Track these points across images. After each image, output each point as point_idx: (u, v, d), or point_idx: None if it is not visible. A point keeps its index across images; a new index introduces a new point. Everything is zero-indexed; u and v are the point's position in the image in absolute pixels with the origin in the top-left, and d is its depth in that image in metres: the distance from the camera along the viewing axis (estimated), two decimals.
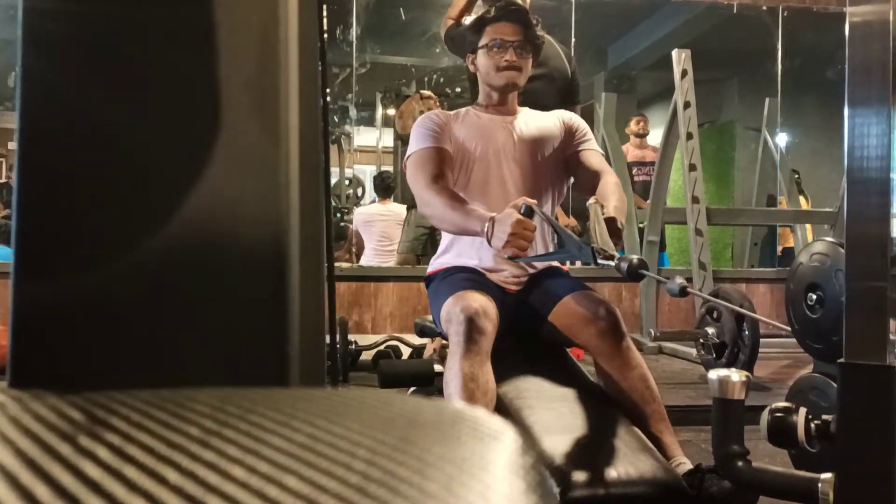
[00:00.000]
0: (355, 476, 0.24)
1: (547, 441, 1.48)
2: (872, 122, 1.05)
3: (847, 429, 1.11)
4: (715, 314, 3.61)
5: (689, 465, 1.54)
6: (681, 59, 4.46)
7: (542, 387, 1.70)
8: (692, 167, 4.43)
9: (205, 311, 0.51)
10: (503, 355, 1.67)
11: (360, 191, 7.18)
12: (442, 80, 6.77)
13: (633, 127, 6.17)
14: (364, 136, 7.77)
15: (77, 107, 0.51)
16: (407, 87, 6.42)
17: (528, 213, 1.57)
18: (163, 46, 0.52)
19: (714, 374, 1.44)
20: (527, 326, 1.81)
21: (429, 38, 6.53)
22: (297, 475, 0.24)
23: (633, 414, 1.64)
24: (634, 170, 5.92)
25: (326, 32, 0.65)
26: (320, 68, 0.62)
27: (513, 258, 1.61)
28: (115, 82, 0.51)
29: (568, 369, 1.84)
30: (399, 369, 1.90)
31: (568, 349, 1.91)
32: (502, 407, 1.60)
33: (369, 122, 7.79)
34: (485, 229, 1.59)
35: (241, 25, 0.53)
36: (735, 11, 6.41)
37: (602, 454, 1.45)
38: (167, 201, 0.50)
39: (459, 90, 6.27)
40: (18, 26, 0.49)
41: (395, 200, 5.56)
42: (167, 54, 0.52)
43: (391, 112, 5.78)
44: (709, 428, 1.46)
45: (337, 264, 4.71)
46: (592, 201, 1.56)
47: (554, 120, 1.99)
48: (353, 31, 6.18)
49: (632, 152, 6.08)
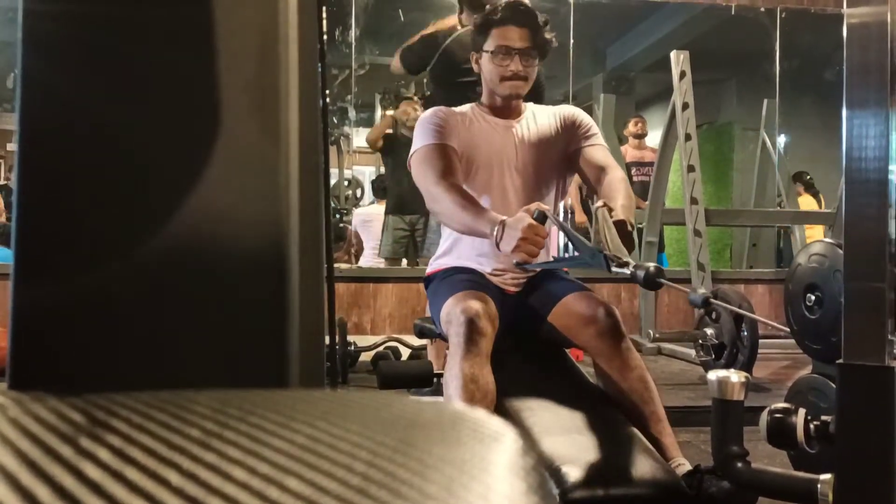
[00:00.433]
0: (356, 478, 0.24)
1: (546, 442, 1.48)
2: (871, 123, 1.05)
3: (846, 429, 1.10)
4: (714, 315, 3.61)
5: (688, 466, 1.54)
6: (679, 60, 4.46)
7: (541, 388, 1.70)
8: (691, 168, 4.43)
9: (204, 312, 0.51)
10: (503, 356, 1.67)
11: (359, 192, 7.17)
12: None
13: (631, 128, 6.19)
14: (363, 138, 7.76)
15: (77, 108, 0.51)
16: (406, 89, 6.41)
17: (541, 218, 1.51)
18: (162, 47, 0.52)
19: (713, 374, 1.44)
20: (526, 327, 1.81)
21: None
22: (298, 477, 0.24)
23: (633, 415, 1.64)
24: (633, 171, 5.92)
25: (326, 34, 0.66)
26: (320, 69, 0.62)
27: (521, 264, 1.55)
28: (115, 83, 0.51)
29: (567, 370, 1.84)
30: (398, 370, 1.90)
31: (567, 350, 1.91)
32: (502, 408, 1.60)
33: (368, 123, 7.77)
34: (494, 232, 1.55)
35: (240, 26, 0.53)
36: (733, 13, 6.42)
37: (601, 455, 1.45)
38: (167, 202, 0.50)
39: None
40: (18, 28, 0.49)
41: None
42: (167, 55, 0.52)
43: (390, 113, 5.78)
44: (708, 429, 1.46)
45: (336, 265, 4.71)
46: (600, 204, 1.51)
47: (556, 120, 1.93)
48: (353, 32, 6.18)
49: (630, 153, 6.09)
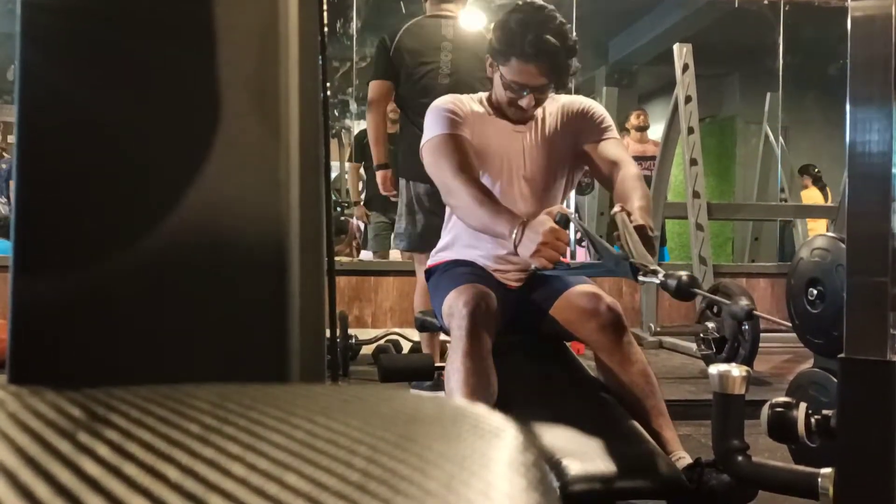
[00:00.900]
0: (356, 473, 0.24)
1: (547, 436, 1.48)
2: (874, 118, 1.05)
3: (847, 424, 1.10)
4: (715, 309, 3.61)
5: (688, 460, 1.54)
6: (682, 53, 4.45)
7: (542, 381, 1.70)
8: (693, 162, 4.42)
9: (205, 307, 0.51)
10: (504, 350, 1.67)
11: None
12: None
13: (633, 121, 6.17)
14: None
15: (77, 102, 0.51)
16: None
17: (564, 222, 1.45)
18: (163, 41, 0.52)
19: (714, 368, 1.44)
20: (528, 321, 1.81)
21: None
22: (298, 472, 0.24)
23: (634, 409, 1.64)
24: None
25: (327, 26, 0.65)
26: (320, 62, 0.62)
27: (540, 270, 1.50)
28: (115, 77, 0.51)
29: (568, 364, 1.84)
30: (399, 364, 1.91)
31: (568, 343, 1.91)
32: (503, 402, 1.60)
33: None
34: (514, 234, 1.49)
35: (240, 19, 0.53)
36: (736, 6, 6.41)
37: (602, 449, 1.45)
38: (167, 197, 0.50)
39: None
40: (17, 21, 0.49)
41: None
42: (167, 49, 0.52)
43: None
44: (709, 422, 1.46)
45: (337, 259, 4.71)
46: (618, 209, 1.46)
47: (566, 115, 1.84)
48: (354, 24, 6.17)
49: (633, 147, 6.08)
